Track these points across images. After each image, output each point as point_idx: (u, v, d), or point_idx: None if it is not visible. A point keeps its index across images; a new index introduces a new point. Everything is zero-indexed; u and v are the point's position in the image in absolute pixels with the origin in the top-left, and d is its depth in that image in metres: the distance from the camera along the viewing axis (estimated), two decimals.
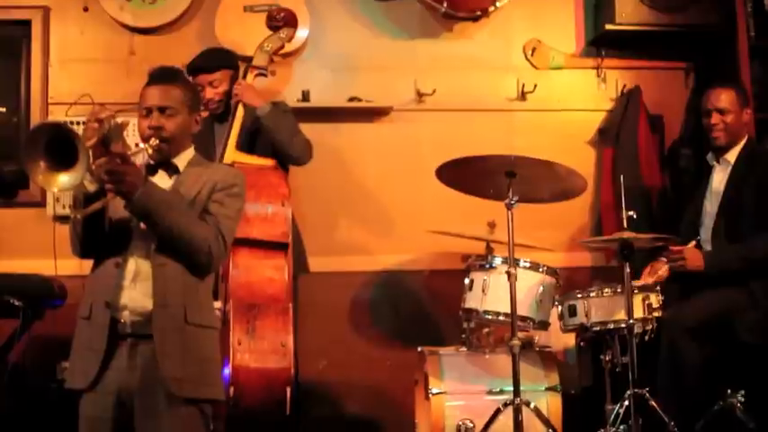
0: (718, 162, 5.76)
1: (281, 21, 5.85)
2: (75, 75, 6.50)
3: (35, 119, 6.34)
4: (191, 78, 5.69)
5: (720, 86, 5.77)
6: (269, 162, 5.50)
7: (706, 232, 5.70)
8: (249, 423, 4.79)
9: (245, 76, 5.72)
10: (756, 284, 5.41)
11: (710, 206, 5.73)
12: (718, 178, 5.74)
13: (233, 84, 5.70)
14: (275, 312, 4.96)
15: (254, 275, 5.11)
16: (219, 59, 5.76)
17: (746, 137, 5.75)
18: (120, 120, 3.68)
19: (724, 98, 5.69)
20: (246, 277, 5.10)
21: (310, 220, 6.06)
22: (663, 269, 5.57)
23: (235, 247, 5.00)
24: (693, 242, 5.60)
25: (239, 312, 4.91)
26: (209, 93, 5.66)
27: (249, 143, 5.59)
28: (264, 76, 5.80)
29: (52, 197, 6.23)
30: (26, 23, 6.48)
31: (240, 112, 5.60)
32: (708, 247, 5.65)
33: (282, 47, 5.88)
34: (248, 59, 5.85)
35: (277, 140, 5.55)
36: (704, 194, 5.78)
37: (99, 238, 3.77)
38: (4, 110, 6.42)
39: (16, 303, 5.07)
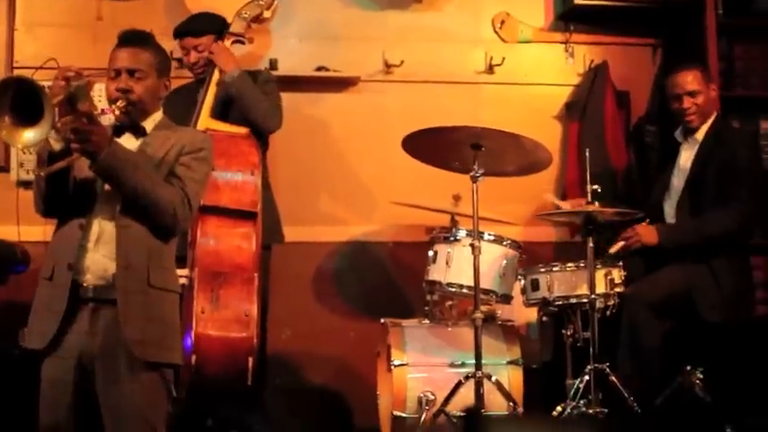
0: (686, 139, 5.78)
1: None
2: (41, 39, 6.43)
3: None
4: (177, 41, 5.73)
5: (685, 68, 5.75)
6: (242, 130, 5.44)
7: (670, 206, 5.73)
8: (211, 391, 4.80)
9: (222, 42, 5.68)
10: (717, 262, 5.44)
11: (677, 182, 5.74)
12: (686, 155, 5.76)
13: None
14: (240, 281, 4.93)
15: (221, 244, 5.08)
16: (206, 24, 5.74)
17: (715, 114, 5.78)
18: (87, 79, 3.65)
19: (691, 80, 5.69)
20: (214, 245, 5.06)
21: (274, 189, 6.04)
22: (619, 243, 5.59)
23: (203, 215, 4.98)
24: (646, 221, 5.61)
25: (204, 280, 4.88)
26: (194, 56, 5.67)
27: (223, 111, 5.56)
28: (242, 43, 5.78)
29: (16, 162, 6.19)
30: None
31: (215, 77, 5.58)
32: (670, 220, 5.68)
33: (261, 14, 5.85)
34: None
35: (242, 106, 5.53)
36: (672, 171, 5.79)
37: (63, 198, 3.74)
38: None
39: None
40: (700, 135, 5.71)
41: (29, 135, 3.40)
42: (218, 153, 4.92)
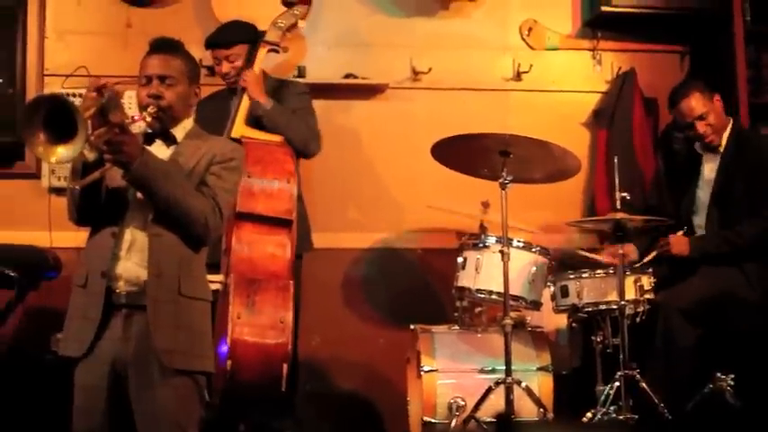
0: (707, 151, 5.77)
1: None
2: (72, 47, 6.50)
3: (31, 90, 6.32)
4: (209, 51, 5.74)
5: (685, 95, 5.71)
6: (276, 138, 5.48)
7: (700, 220, 5.73)
8: (245, 397, 4.82)
9: (256, 51, 5.68)
10: (750, 268, 5.44)
11: (703, 194, 5.75)
12: (709, 167, 5.76)
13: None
14: (276, 288, 4.95)
15: (256, 251, 5.10)
16: (238, 34, 5.74)
17: (731, 122, 5.76)
18: (117, 89, 3.68)
19: (695, 104, 5.66)
20: (249, 252, 5.08)
21: (303, 196, 6.06)
22: (632, 252, 5.59)
23: (239, 222, 5.03)
24: (681, 231, 5.62)
25: (240, 286, 4.91)
26: (226, 67, 5.68)
27: (258, 118, 5.56)
28: (277, 52, 5.79)
29: (47, 169, 6.24)
30: None
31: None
32: (702, 234, 5.68)
33: (296, 24, 5.85)
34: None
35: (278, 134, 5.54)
36: (696, 183, 5.79)
37: (96, 207, 3.77)
38: None
39: (11, 274, 5.09)
40: (720, 146, 5.71)
41: (63, 151, 3.42)
42: (254, 160, 4.98)
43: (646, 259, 5.55)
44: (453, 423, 5.20)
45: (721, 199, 5.62)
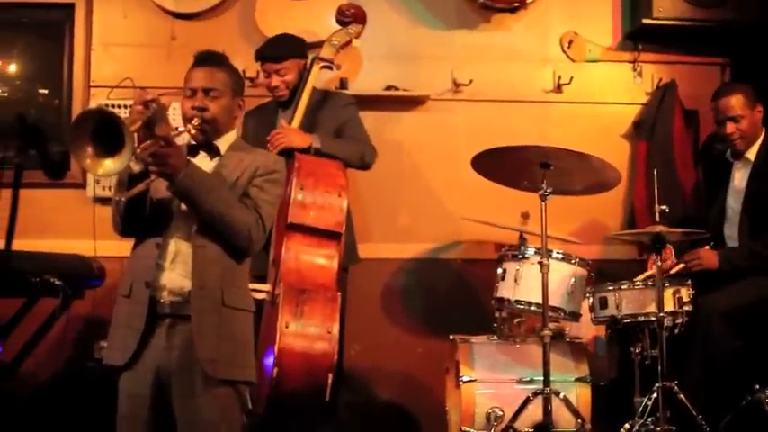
0: (738, 159, 5.78)
1: (350, 17, 5.90)
2: (117, 58, 6.59)
3: (77, 102, 6.44)
4: (258, 65, 5.77)
5: (728, 93, 5.77)
6: None
7: (731, 229, 5.74)
8: (289, 405, 4.86)
9: (311, 68, 5.73)
10: None
11: (734, 203, 5.76)
12: (739, 175, 5.77)
13: (300, 72, 5.72)
14: (324, 299, 4.98)
15: (305, 262, 5.14)
16: (288, 48, 5.75)
17: (764, 132, 5.77)
18: (163, 102, 3.73)
19: (733, 104, 5.70)
20: (299, 263, 5.13)
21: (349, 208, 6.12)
22: (669, 258, 5.61)
23: (289, 233, 5.09)
24: (707, 246, 5.62)
25: (289, 296, 4.95)
26: (276, 81, 5.69)
27: (309, 132, 5.59)
28: (330, 68, 5.85)
29: (93, 179, 6.33)
30: (69, 7, 6.58)
31: (304, 100, 5.61)
32: (733, 243, 5.69)
33: (350, 42, 5.90)
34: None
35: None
36: (726, 191, 5.81)
37: (141, 218, 3.83)
38: (46, 92, 6.52)
39: (56, 282, 5.12)
40: (751, 155, 5.73)
41: (110, 164, 3.47)
42: (307, 173, 5.04)
43: (672, 271, 5.56)
44: None
45: (752, 208, 5.63)
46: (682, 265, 5.58)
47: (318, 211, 5.21)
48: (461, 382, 5.40)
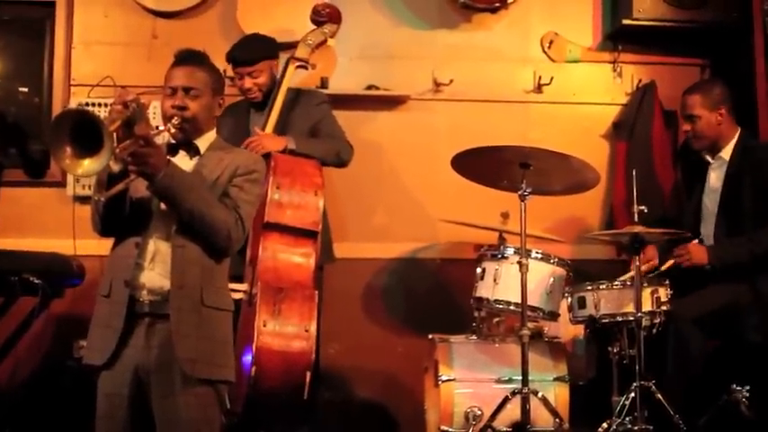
0: (713, 159, 5.81)
1: (326, 16, 5.93)
2: (98, 57, 6.58)
3: (57, 100, 6.43)
4: (230, 66, 5.75)
5: (690, 91, 5.83)
6: None
7: (707, 228, 5.75)
8: (267, 405, 4.87)
9: (286, 68, 5.75)
10: (762, 281, 5.46)
11: (710, 203, 5.78)
12: (715, 175, 5.78)
13: (272, 73, 5.76)
14: (302, 298, 5.03)
15: (282, 260, 5.18)
16: (260, 50, 5.76)
17: (738, 132, 5.78)
18: (142, 101, 3.73)
19: (690, 103, 5.75)
20: (276, 261, 5.16)
21: (327, 207, 6.11)
22: (654, 257, 5.64)
23: (266, 232, 5.11)
24: (696, 240, 5.65)
25: (267, 295, 4.98)
26: (248, 83, 5.70)
27: (282, 131, 5.62)
28: (306, 68, 5.87)
29: (73, 177, 6.30)
30: (50, 5, 6.57)
31: (279, 101, 5.63)
32: (709, 242, 5.70)
33: (325, 41, 5.93)
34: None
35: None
36: (702, 190, 5.83)
37: (120, 218, 3.83)
38: (26, 90, 6.51)
39: (35, 281, 5.12)
40: (726, 154, 5.75)
41: (90, 164, 3.47)
42: (283, 172, 5.06)
43: (663, 267, 5.58)
44: None
45: (728, 208, 5.66)
46: (671, 261, 5.59)
47: (295, 210, 5.25)
48: (440, 382, 5.41)
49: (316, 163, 5.47)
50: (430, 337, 5.71)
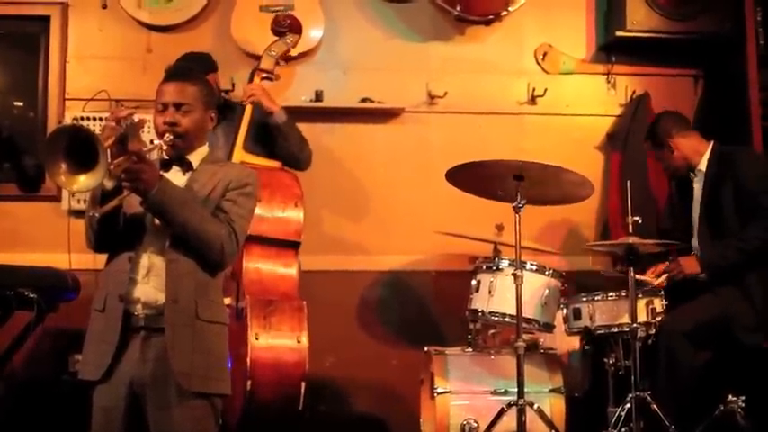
0: (694, 173, 5.85)
1: (286, 27, 5.94)
2: (93, 71, 6.58)
3: (52, 114, 6.44)
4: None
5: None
6: (275, 164, 5.61)
7: (695, 240, 5.79)
8: (264, 416, 4.88)
9: (251, 79, 5.78)
10: (749, 281, 5.49)
11: (696, 215, 5.82)
12: (698, 187, 5.83)
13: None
14: (291, 309, 5.07)
15: (266, 272, 5.21)
16: (203, 66, 5.69)
17: (710, 145, 5.83)
18: (137, 118, 3.73)
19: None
20: (259, 274, 5.19)
21: (319, 218, 6.12)
22: (663, 276, 5.63)
23: (247, 245, 5.11)
24: (692, 254, 5.68)
25: (256, 308, 5.00)
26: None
27: (253, 146, 5.64)
28: (271, 80, 5.86)
29: (67, 192, 6.29)
30: (45, 19, 6.57)
31: (248, 113, 5.66)
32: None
33: (288, 51, 5.95)
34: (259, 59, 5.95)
35: (287, 146, 5.63)
36: (691, 207, 5.87)
37: (114, 234, 3.83)
38: (21, 104, 6.52)
39: (30, 295, 5.11)
40: (703, 166, 5.80)
41: (85, 181, 3.48)
42: (262, 185, 5.05)
43: (656, 282, 5.58)
44: None
45: (710, 215, 5.70)
46: (665, 276, 5.59)
47: (276, 223, 5.30)
48: (436, 394, 5.40)
49: (293, 175, 5.55)
50: (425, 349, 5.70)
